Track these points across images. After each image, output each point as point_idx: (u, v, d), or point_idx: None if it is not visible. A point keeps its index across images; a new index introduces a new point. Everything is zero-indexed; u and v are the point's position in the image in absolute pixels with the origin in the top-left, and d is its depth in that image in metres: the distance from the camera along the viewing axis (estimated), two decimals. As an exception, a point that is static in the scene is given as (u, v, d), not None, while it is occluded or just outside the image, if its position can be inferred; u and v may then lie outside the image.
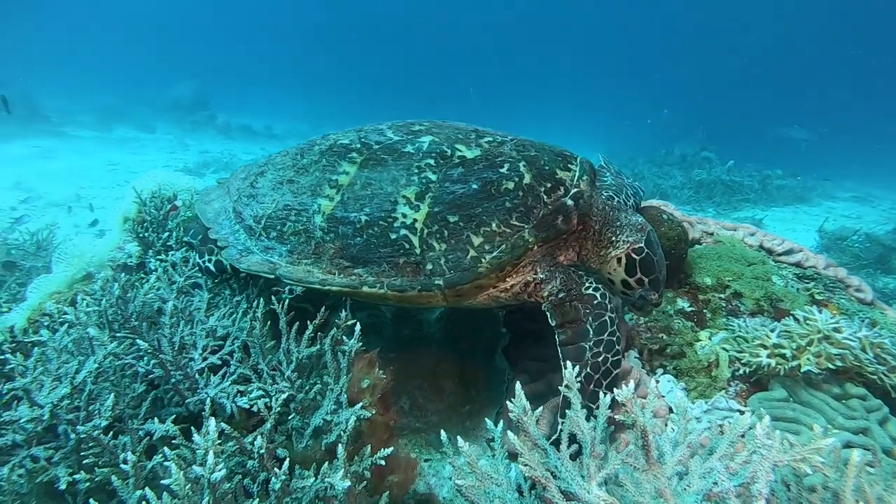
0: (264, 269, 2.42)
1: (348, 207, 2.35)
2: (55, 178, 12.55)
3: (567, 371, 1.80)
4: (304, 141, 2.86)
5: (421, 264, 2.24)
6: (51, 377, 2.12)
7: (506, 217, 2.25)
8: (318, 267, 2.35)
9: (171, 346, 2.27)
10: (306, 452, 2.05)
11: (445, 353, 3.17)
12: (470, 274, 2.21)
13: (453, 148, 2.41)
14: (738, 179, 15.01)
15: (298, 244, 2.42)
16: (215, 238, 2.64)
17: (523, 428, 1.67)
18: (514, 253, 2.23)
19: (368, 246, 2.28)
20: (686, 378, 2.68)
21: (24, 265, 5.41)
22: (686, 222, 3.66)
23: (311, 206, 2.43)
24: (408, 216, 2.26)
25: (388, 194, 2.32)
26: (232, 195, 2.79)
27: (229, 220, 2.68)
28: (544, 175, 2.37)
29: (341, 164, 2.48)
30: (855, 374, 2.55)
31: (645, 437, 1.45)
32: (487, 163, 2.36)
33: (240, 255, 2.51)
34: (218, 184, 3.08)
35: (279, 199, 2.53)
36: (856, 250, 9.33)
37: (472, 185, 2.29)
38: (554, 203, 2.33)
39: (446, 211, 2.25)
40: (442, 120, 2.79)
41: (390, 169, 2.38)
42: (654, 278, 2.51)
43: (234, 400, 2.20)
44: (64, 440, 1.98)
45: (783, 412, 2.42)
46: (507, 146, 2.47)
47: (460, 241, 2.23)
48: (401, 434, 2.76)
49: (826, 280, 3.36)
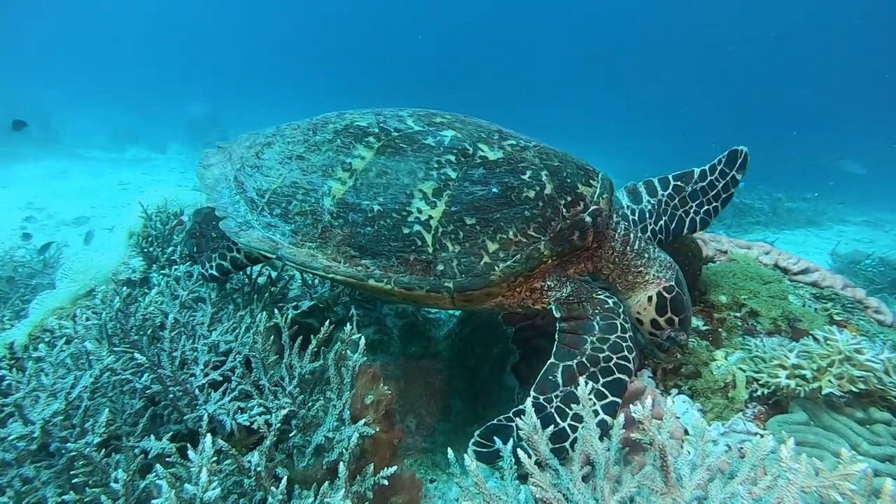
0: (265, 246, 2.30)
1: (361, 194, 2.25)
2: (67, 198, 12.66)
3: (580, 388, 1.73)
4: (317, 115, 2.74)
5: (432, 263, 2.16)
6: (46, 393, 2.07)
7: (524, 226, 2.18)
8: (323, 252, 2.25)
9: (170, 360, 2.21)
10: (307, 472, 1.98)
11: (453, 371, 3.10)
12: (482, 280, 2.14)
13: (476, 147, 2.33)
14: (749, 202, 14.86)
15: (304, 225, 2.30)
16: (213, 206, 2.51)
17: (534, 447, 1.59)
18: (528, 264, 2.17)
19: (379, 237, 2.19)
20: (702, 399, 2.58)
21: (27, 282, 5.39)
22: (699, 240, 3.59)
23: (321, 188, 2.32)
24: (423, 212, 2.18)
25: (404, 186, 2.23)
26: (234, 163, 2.64)
27: (229, 189, 2.55)
28: (566, 188, 2.30)
29: (357, 147, 2.38)
30: (879, 398, 2.44)
31: (664, 457, 1.37)
32: (509, 167, 2.29)
33: (239, 228, 2.39)
34: (218, 148, 2.92)
35: (286, 175, 2.41)
36: (870, 274, 9.16)
37: (492, 189, 2.22)
38: (573, 218, 2.26)
39: (464, 212, 2.18)
40: (465, 115, 2.71)
41: (409, 160, 2.29)
42: (683, 318, 2.44)
43: (234, 417, 2.13)
44: (56, 458, 1.91)
45: (804, 436, 2.32)
46: (531, 152, 2.39)
47: (475, 245, 2.16)
48: (406, 454, 2.67)
49: (844, 300, 3.26)
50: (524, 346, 2.88)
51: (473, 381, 3.00)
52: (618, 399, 2.03)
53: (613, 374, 2.07)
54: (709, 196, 2.87)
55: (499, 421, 2.01)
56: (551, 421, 1.94)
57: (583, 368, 2.07)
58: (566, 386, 2.03)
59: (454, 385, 2.98)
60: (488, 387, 2.96)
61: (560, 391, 2.02)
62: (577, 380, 1.94)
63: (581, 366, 2.08)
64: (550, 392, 2.02)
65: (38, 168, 15.56)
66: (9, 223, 10.19)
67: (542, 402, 2.00)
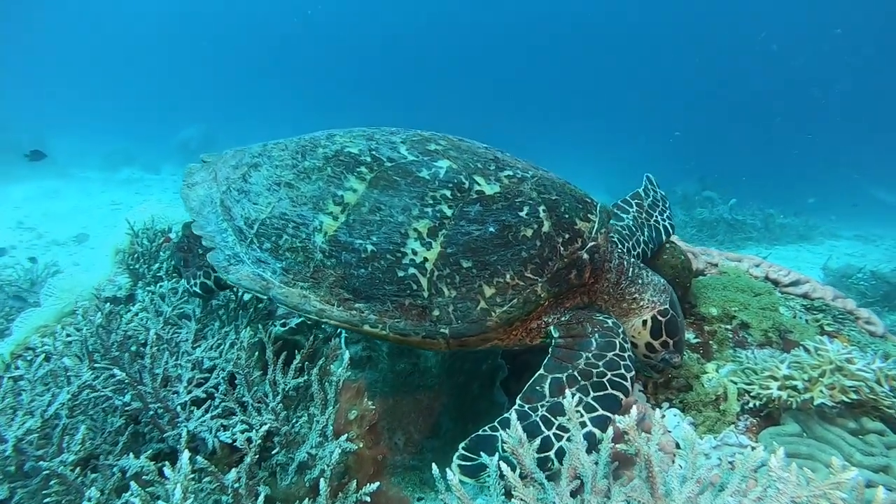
0: (256, 286, 2.19)
1: (354, 232, 2.15)
2: (59, 218, 12.61)
3: (567, 400, 1.69)
4: (307, 135, 2.63)
5: (427, 309, 2.07)
6: (23, 410, 2.02)
7: (521, 269, 2.11)
8: (316, 294, 2.13)
9: (152, 377, 2.17)
10: (290, 490, 1.93)
11: (443, 388, 3.04)
12: (478, 327, 2.07)
13: (471, 180, 2.25)
14: (741, 218, 14.95)
15: (295, 263, 2.19)
16: (199, 234, 2.38)
17: (519, 461, 1.55)
18: (525, 308, 2.11)
19: (373, 280, 2.10)
20: (693, 412, 2.55)
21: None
22: (690, 252, 3.59)
23: (313, 222, 2.20)
24: (418, 253, 2.09)
25: (398, 224, 2.13)
26: (220, 183, 2.52)
27: (216, 214, 2.41)
28: (563, 225, 2.24)
29: (349, 178, 2.27)
30: (871, 408, 2.42)
31: (650, 467, 1.34)
32: (506, 203, 2.21)
33: (228, 262, 2.27)
34: (203, 163, 2.77)
35: (275, 205, 2.30)
36: (861, 288, 9.19)
37: (489, 228, 2.14)
38: (570, 256, 2.20)
39: (460, 254, 2.10)
40: (460, 138, 2.62)
41: (402, 195, 2.20)
42: (678, 340, 2.41)
43: (217, 434, 2.08)
44: (32, 477, 1.86)
45: (797, 448, 2.29)
46: (528, 184, 2.32)
47: (471, 290, 2.08)
48: (394, 471, 2.61)
49: (835, 311, 3.25)
50: (513, 362, 2.84)
51: (463, 398, 2.95)
52: (609, 414, 1.92)
53: (606, 389, 1.98)
54: (660, 207, 3.20)
55: (483, 432, 1.90)
56: (535, 429, 1.85)
57: (572, 381, 2.00)
58: (553, 397, 1.95)
59: (443, 402, 2.93)
60: (478, 403, 2.91)
61: (546, 401, 1.94)
62: (564, 391, 1.88)
63: (571, 378, 2.00)
64: (536, 402, 1.95)
65: (30, 188, 15.51)
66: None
67: (527, 410, 1.91)
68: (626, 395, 1.99)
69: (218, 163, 2.67)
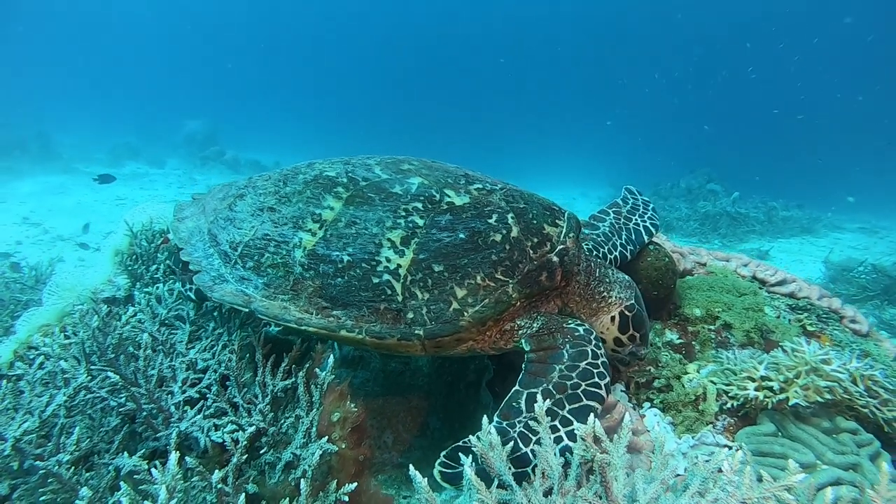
0: (238, 301, 2.30)
1: (331, 245, 2.27)
2: (64, 213, 12.74)
3: (538, 404, 1.76)
4: (288, 166, 2.79)
5: (402, 312, 2.16)
6: (23, 411, 2.11)
7: (491, 271, 2.20)
8: (296, 305, 2.24)
9: (146, 378, 2.25)
10: (276, 488, 2.01)
11: (432, 387, 3.13)
12: (451, 327, 2.15)
13: (442, 193, 2.37)
14: (744, 211, 14.92)
15: (276, 278, 2.31)
16: (187, 260, 2.52)
17: (489, 464, 1.62)
18: (496, 308, 2.18)
19: (349, 288, 2.20)
20: (673, 412, 2.62)
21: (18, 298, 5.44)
22: (677, 253, 3.64)
23: (292, 240, 2.34)
24: (392, 261, 2.20)
25: (372, 235, 2.25)
26: (207, 215, 2.67)
27: (203, 242, 2.56)
28: (532, 229, 2.34)
29: (326, 198, 2.42)
30: (846, 407, 2.48)
31: (603, 473, 1.41)
32: (476, 211, 2.32)
33: (213, 282, 2.39)
34: (193, 199, 2.95)
35: (258, 227, 2.44)
36: (862, 281, 9.19)
37: (459, 235, 2.25)
38: (539, 259, 2.29)
39: (431, 259, 2.20)
40: (433, 160, 2.76)
41: (377, 209, 2.33)
42: (644, 333, 2.52)
43: (208, 434, 2.16)
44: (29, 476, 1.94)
45: (771, 447, 2.35)
46: (497, 195, 2.43)
47: (444, 292, 2.17)
48: (382, 469, 2.70)
49: (819, 311, 3.30)
50: (499, 362, 2.91)
51: (450, 398, 3.03)
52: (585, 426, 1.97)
53: (581, 400, 2.03)
54: (640, 211, 3.38)
55: (465, 442, 1.95)
56: (515, 447, 1.90)
57: (547, 395, 2.04)
58: (529, 412, 1.99)
59: (432, 401, 3.01)
60: (465, 403, 2.99)
61: (524, 417, 1.99)
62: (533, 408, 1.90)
63: (546, 392, 2.05)
64: (513, 418, 2.00)
65: (35, 184, 15.67)
66: (4, 238, 10.26)
67: (505, 427, 1.96)
68: (601, 403, 2.04)
69: (206, 197, 2.85)
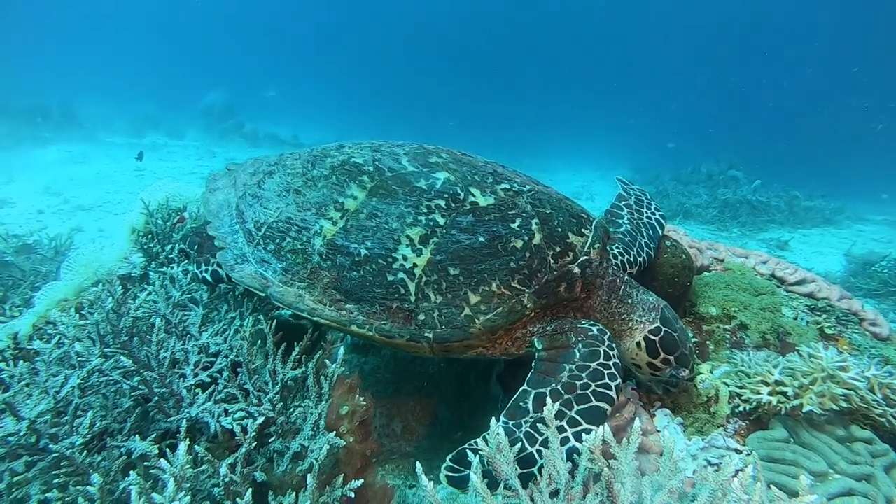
0: (256, 284, 2.31)
1: (350, 236, 2.25)
2: (85, 183, 12.89)
3: (547, 407, 1.74)
4: (320, 146, 2.76)
5: (413, 313, 2.14)
6: (38, 390, 2.15)
7: (507, 278, 2.16)
8: (311, 294, 2.23)
9: (158, 362, 2.27)
10: (284, 477, 2.03)
11: (442, 376, 3.13)
12: (461, 333, 2.12)
13: (467, 191, 2.33)
14: (765, 200, 14.58)
15: (295, 264, 2.30)
16: (214, 234, 2.53)
17: (496, 468, 1.62)
18: (509, 317, 2.14)
19: (364, 283, 2.18)
20: (684, 413, 2.59)
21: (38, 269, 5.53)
22: (695, 248, 3.57)
23: (314, 227, 2.33)
24: (409, 259, 2.17)
25: (392, 231, 2.22)
26: (238, 189, 2.68)
27: (230, 217, 2.57)
28: (555, 237, 2.28)
29: (350, 185, 2.38)
30: (861, 415, 2.44)
31: (609, 485, 1.39)
32: (499, 214, 2.27)
33: (235, 261, 2.41)
34: (227, 170, 2.97)
35: (283, 209, 2.44)
36: (884, 276, 9.00)
37: (479, 238, 2.20)
38: (560, 269, 2.23)
39: (448, 261, 2.16)
40: (463, 152, 2.70)
41: (399, 203, 2.29)
42: (679, 354, 2.39)
43: (219, 419, 2.18)
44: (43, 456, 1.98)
45: (782, 454, 2.32)
46: (524, 197, 2.36)
47: (457, 297, 2.13)
48: (390, 458, 2.71)
49: (839, 313, 3.23)
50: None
51: (460, 388, 3.03)
52: (593, 427, 1.89)
53: (590, 401, 1.99)
54: (645, 203, 3.27)
55: (471, 445, 1.94)
56: (521, 447, 1.87)
57: (556, 395, 2.00)
58: (536, 412, 1.96)
59: (442, 390, 3.01)
60: (474, 394, 2.99)
61: (530, 417, 1.96)
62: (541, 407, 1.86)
63: (554, 392, 2.01)
64: (520, 418, 1.97)
65: (58, 153, 15.84)
66: (26, 207, 10.42)
67: (511, 427, 1.94)
68: (611, 404, 2.00)
69: (239, 170, 2.85)
